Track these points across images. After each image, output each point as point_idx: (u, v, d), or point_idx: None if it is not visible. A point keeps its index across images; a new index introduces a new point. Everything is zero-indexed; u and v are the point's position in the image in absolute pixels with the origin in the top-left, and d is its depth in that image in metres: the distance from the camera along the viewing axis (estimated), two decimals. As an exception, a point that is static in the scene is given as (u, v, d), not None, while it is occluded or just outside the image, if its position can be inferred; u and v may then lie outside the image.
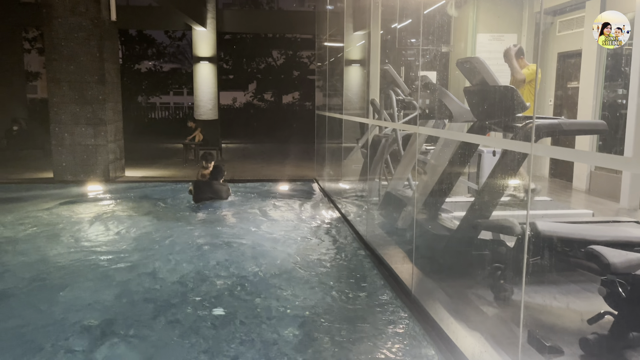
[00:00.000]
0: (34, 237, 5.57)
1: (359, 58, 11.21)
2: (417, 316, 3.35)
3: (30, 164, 10.12)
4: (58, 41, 8.09)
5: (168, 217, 6.54)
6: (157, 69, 25.43)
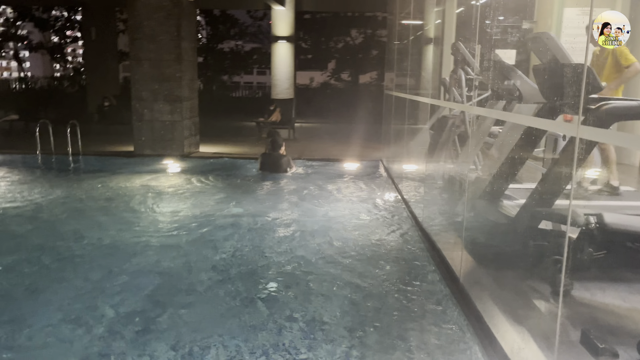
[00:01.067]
0: (109, 207, 5.98)
1: (433, 36, 10.75)
2: (462, 305, 3.21)
3: (116, 138, 10.83)
4: (140, 21, 8.51)
5: (233, 192, 6.75)
6: (239, 48, 26.11)
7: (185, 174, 8.04)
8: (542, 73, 3.93)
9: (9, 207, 5.93)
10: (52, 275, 3.89)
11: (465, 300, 3.20)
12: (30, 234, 4.95)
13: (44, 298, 3.47)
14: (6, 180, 7.40)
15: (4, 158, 8.71)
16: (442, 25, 8.10)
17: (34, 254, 4.32)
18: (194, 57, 9.24)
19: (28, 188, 6.83)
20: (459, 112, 6.15)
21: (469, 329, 2.99)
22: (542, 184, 3.69)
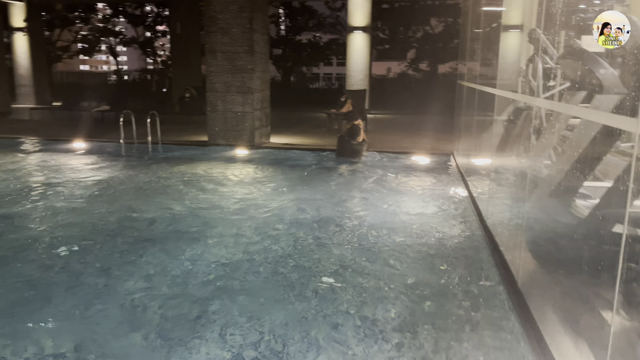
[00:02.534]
0: (182, 193, 6.24)
1: (509, 23, 10.07)
2: (518, 311, 3.00)
3: (194, 128, 11.31)
4: (215, 14, 8.77)
5: (295, 183, 6.80)
6: (317, 39, 26.23)
7: (253, 163, 8.24)
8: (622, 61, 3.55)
9: (93, 187, 6.38)
10: (143, 236, 4.13)
11: (522, 306, 2.98)
12: (115, 207, 5.28)
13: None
14: (91, 164, 7.97)
15: (92, 145, 9.37)
16: (521, 11, 7.61)
17: (126, 223, 4.60)
18: (266, 49, 9.39)
19: (107, 171, 7.31)
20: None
21: (524, 338, 2.79)
22: (619, 182, 3.34)
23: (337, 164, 8.22)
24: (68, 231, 4.77)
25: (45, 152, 9.10)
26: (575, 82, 4.99)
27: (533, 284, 3.22)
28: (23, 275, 3.73)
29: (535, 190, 4.51)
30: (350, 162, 8.24)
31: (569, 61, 4.79)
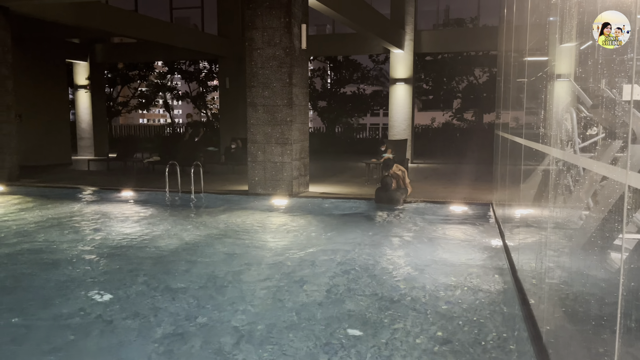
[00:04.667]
0: (216, 240, 6.40)
1: (546, 74, 10.00)
2: (541, 369, 2.86)
3: (237, 178, 11.66)
4: (256, 70, 9.21)
5: (330, 232, 6.84)
6: (361, 91, 26.81)
7: (290, 212, 8.38)
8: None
9: (134, 235, 6.65)
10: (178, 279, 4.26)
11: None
12: (157, 258, 5.48)
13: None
14: (134, 212, 8.34)
15: (139, 194, 9.82)
16: (554, 61, 7.57)
17: (156, 268, 4.77)
18: (305, 102, 9.70)
19: (149, 220, 7.62)
20: (572, 151, 5.62)
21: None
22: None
23: (374, 213, 8.24)
24: (108, 275, 4.97)
25: (96, 201, 9.61)
26: (610, 132, 4.88)
27: (558, 340, 3.07)
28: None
29: (569, 242, 4.35)
30: (388, 211, 8.25)
31: (603, 110, 4.70)
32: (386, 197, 8.54)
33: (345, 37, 19.38)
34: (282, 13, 8.97)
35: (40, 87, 16.00)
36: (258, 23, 9.10)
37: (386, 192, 8.55)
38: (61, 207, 8.95)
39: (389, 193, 8.52)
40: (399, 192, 8.57)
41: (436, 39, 18.53)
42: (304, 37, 9.46)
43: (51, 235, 6.76)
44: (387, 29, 16.24)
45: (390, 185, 8.56)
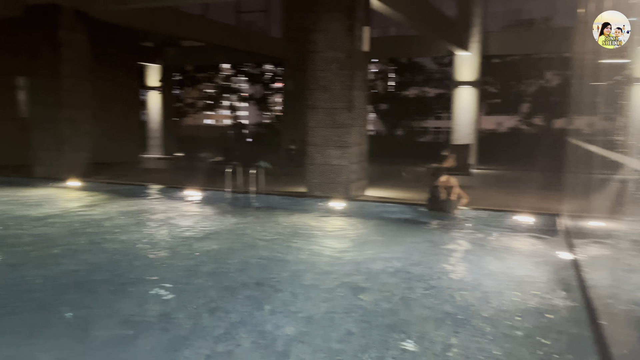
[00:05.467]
0: (272, 242, 6.44)
1: (629, 76, 9.26)
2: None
3: (296, 180, 11.73)
4: (317, 72, 9.22)
5: (388, 237, 6.72)
6: (424, 94, 26.33)
7: (346, 215, 8.32)
8: None
9: (193, 230, 6.84)
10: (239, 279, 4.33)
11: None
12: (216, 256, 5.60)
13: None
14: (195, 210, 8.59)
15: (201, 193, 10.09)
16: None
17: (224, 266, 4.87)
18: (365, 104, 9.62)
19: (208, 219, 7.81)
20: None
21: None
22: None
23: (432, 220, 8.01)
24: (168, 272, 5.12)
25: (160, 198, 9.99)
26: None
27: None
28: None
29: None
30: (446, 218, 8.00)
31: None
32: (437, 206, 8.32)
33: (408, 39, 19.08)
34: (345, 16, 8.93)
35: (115, 88, 16.88)
36: (320, 26, 9.11)
37: (436, 202, 8.32)
38: (128, 202, 9.37)
39: (439, 203, 8.29)
40: (449, 202, 8.28)
41: (505, 40, 17.85)
42: (365, 40, 9.37)
43: (118, 229, 7.07)
44: (453, 31, 15.82)
45: (438, 195, 8.30)
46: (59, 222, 7.61)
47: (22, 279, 4.90)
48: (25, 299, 4.36)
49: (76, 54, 11.72)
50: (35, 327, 3.74)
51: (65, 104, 11.60)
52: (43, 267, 5.31)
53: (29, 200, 9.54)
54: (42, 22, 11.43)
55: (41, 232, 6.96)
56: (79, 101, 11.87)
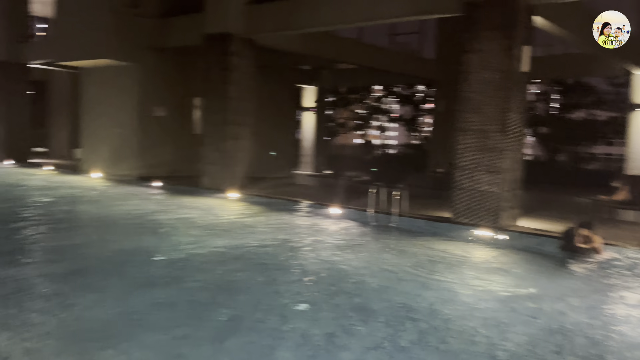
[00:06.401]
0: (412, 269, 6.28)
1: None
2: None
3: (441, 203, 11.35)
4: (469, 94, 8.87)
5: (534, 275, 6.13)
6: (593, 117, 23.80)
7: (494, 246, 7.80)
8: None
9: (338, 247, 6.98)
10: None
11: None
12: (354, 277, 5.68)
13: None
14: (337, 228, 8.76)
15: (344, 211, 10.29)
16: None
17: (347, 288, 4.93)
18: (521, 128, 8.98)
19: (350, 238, 7.89)
20: None
21: None
22: None
23: (598, 260, 7.10)
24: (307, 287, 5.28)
25: (306, 214, 10.41)
26: None
27: None
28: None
29: None
30: (617, 260, 7.00)
31: None
32: (569, 247, 7.32)
33: (576, 58, 17.43)
34: (503, 35, 8.47)
35: (274, 108, 18.15)
36: (475, 46, 8.76)
37: (569, 244, 7.34)
38: (278, 216, 9.93)
39: (573, 246, 7.28)
40: (583, 249, 7.23)
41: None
42: (525, 60, 8.78)
43: (267, 242, 7.52)
44: (631, 48, 14.06)
45: (571, 239, 7.32)
46: (221, 229, 8.36)
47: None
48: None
49: (242, 78, 12.88)
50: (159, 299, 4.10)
51: (230, 122, 12.78)
52: (204, 272, 5.84)
53: (199, 207, 10.68)
54: (216, 49, 12.80)
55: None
56: (241, 120, 12.99)
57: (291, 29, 12.34)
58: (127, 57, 14.76)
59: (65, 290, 4.95)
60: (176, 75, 15.77)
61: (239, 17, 12.67)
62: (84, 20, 14.74)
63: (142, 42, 14.89)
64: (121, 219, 9.27)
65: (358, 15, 11.20)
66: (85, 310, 4.44)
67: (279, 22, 12.40)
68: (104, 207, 10.67)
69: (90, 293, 4.92)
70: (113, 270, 5.84)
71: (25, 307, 4.46)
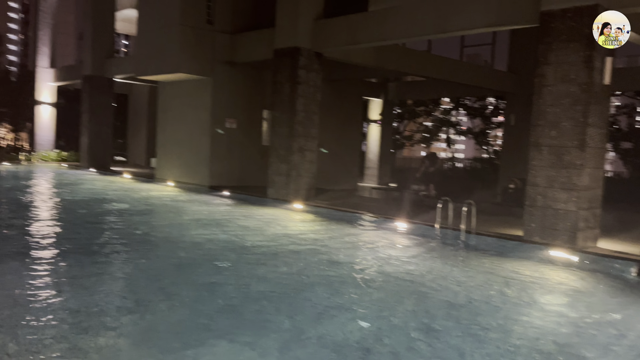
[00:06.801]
0: (480, 289, 6.05)
1: None
2: None
3: (511, 221, 10.90)
4: (544, 107, 8.48)
5: (622, 298, 5.71)
6: None
7: (571, 268, 7.35)
8: None
9: (399, 267, 6.87)
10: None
11: None
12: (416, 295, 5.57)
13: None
14: (404, 245, 8.61)
15: (410, 226, 10.11)
16: None
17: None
18: (601, 143, 8.46)
19: (416, 254, 7.74)
20: None
21: None
22: None
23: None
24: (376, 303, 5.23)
25: (370, 227, 10.33)
26: None
27: None
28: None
29: None
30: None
31: None
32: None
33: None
34: (582, 46, 8.04)
35: (340, 120, 18.27)
36: (551, 58, 8.39)
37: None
38: (341, 228, 9.93)
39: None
40: None
41: None
42: (607, 72, 8.28)
43: (332, 254, 7.53)
44: None
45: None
46: (300, 241, 8.49)
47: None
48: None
49: (309, 91, 13.08)
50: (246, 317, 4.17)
51: (297, 135, 12.98)
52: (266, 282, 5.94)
53: (264, 216, 10.90)
54: (285, 63, 13.09)
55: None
56: (308, 133, 13.17)
57: (360, 42, 12.40)
58: (201, 71, 15.43)
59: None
60: (246, 88, 16.29)
61: (308, 32, 12.91)
62: (163, 37, 15.58)
63: (215, 57, 15.53)
64: (192, 225, 9.63)
65: (428, 27, 11.07)
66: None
67: (348, 36, 12.50)
68: (176, 214, 11.14)
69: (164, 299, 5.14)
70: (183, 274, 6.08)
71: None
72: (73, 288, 5.27)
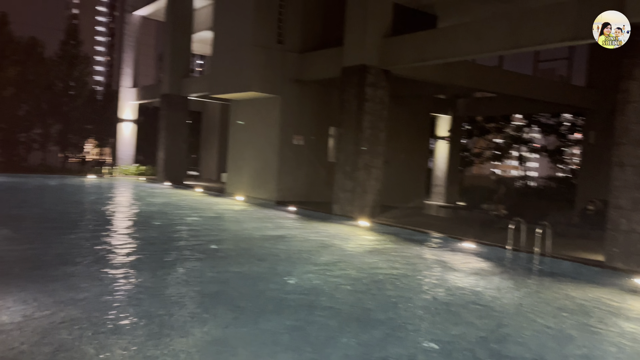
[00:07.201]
0: (553, 317, 5.74)
1: None
2: None
3: (590, 244, 10.27)
4: (629, 125, 7.97)
5: None
6: None
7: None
8: None
9: (467, 289, 6.65)
10: None
11: None
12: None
13: None
14: (472, 267, 8.32)
15: (479, 247, 9.77)
16: None
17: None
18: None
19: (484, 278, 7.45)
20: None
21: None
22: None
23: None
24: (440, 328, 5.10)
25: (437, 247, 10.08)
26: None
27: None
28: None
29: None
30: None
31: None
32: None
33: None
34: (672, 59, 7.53)
35: (407, 137, 18.09)
36: (637, 73, 7.88)
37: None
38: (407, 248, 9.76)
39: None
40: None
41: None
42: (700, 86, 7.68)
43: (395, 272, 7.42)
44: None
45: None
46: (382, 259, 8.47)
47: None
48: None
49: (376, 108, 13.07)
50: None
51: (363, 152, 12.99)
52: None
53: (330, 232, 10.95)
54: (352, 80, 13.19)
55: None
56: (374, 150, 13.14)
57: (428, 59, 12.27)
58: (271, 89, 15.88)
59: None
60: (314, 105, 16.56)
61: (375, 50, 12.95)
62: (236, 57, 16.21)
63: (285, 76, 15.94)
64: (258, 240, 9.84)
65: (500, 43, 10.75)
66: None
67: (415, 54, 12.41)
68: (244, 227, 11.45)
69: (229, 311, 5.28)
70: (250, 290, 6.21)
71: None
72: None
